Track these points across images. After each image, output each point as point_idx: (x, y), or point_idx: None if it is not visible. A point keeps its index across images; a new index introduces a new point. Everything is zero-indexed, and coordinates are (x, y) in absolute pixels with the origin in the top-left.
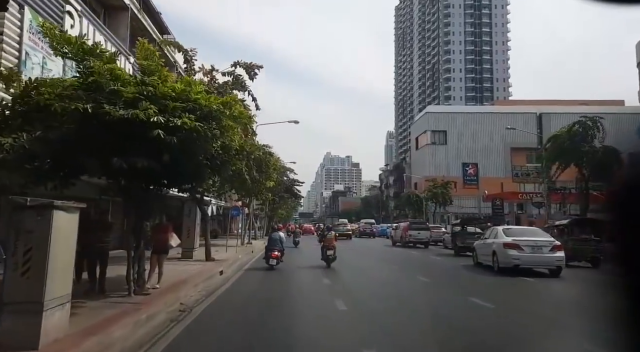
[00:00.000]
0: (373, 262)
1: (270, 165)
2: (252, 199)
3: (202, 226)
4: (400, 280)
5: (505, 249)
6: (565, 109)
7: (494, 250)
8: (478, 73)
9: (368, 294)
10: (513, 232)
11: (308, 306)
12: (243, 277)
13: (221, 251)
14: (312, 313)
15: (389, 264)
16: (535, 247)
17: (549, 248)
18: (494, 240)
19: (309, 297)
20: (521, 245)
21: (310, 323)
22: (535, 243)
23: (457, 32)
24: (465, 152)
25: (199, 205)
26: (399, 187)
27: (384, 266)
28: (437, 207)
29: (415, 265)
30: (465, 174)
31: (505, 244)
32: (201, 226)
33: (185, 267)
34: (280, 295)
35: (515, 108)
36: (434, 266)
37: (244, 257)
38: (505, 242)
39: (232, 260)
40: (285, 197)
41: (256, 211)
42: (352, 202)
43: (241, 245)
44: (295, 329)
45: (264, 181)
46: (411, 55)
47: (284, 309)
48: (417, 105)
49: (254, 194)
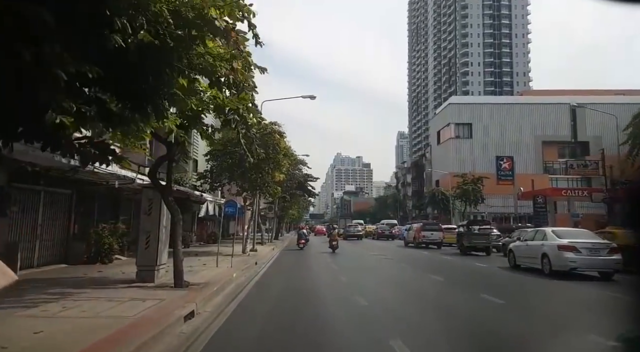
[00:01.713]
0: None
1: (280, 150)
2: (257, 194)
3: (176, 230)
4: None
5: (560, 252)
6: (601, 99)
7: (544, 252)
8: (497, 67)
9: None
10: (565, 234)
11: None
12: (234, 328)
13: (211, 265)
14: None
15: (402, 263)
16: (592, 250)
17: (606, 250)
18: (543, 242)
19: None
20: (578, 247)
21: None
22: (593, 245)
23: (474, 25)
24: (493, 147)
25: (164, 197)
26: (419, 185)
27: (394, 263)
28: (467, 205)
29: (432, 266)
30: (500, 168)
31: (561, 247)
32: (175, 230)
33: (112, 309)
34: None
35: (545, 99)
36: (464, 268)
37: (242, 275)
38: (560, 245)
39: (220, 283)
40: (297, 194)
41: (263, 210)
42: (365, 203)
43: (242, 253)
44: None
45: (271, 171)
46: (426, 50)
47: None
48: (432, 102)
49: (259, 187)
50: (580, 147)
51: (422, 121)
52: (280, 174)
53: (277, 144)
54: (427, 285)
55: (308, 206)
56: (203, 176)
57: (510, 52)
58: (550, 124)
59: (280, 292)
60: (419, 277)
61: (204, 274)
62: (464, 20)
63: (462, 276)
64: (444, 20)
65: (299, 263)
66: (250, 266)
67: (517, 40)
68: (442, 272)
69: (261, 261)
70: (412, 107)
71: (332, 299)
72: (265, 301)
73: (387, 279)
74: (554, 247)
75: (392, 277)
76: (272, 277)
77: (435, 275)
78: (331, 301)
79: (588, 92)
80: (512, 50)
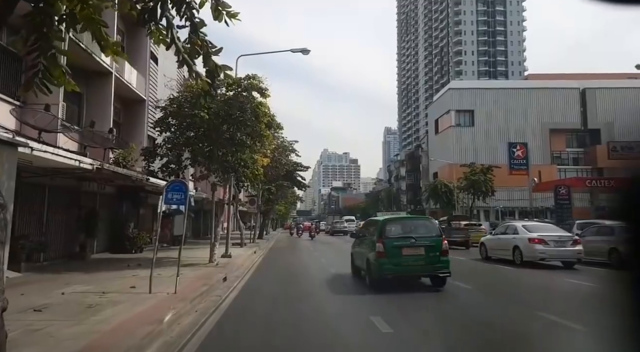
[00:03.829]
0: None
1: (263, 117)
2: (231, 178)
3: None
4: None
5: (531, 244)
6: (611, 83)
7: (516, 245)
8: (491, 56)
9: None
10: (534, 228)
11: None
12: None
13: (144, 288)
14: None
15: None
16: (558, 242)
17: (570, 242)
18: (514, 236)
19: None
20: (546, 240)
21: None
22: (559, 238)
23: (468, 12)
24: (496, 135)
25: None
26: (414, 178)
27: None
28: (475, 199)
29: None
30: (512, 156)
31: (531, 239)
32: None
33: None
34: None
35: (552, 83)
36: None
37: (188, 312)
38: (530, 238)
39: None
40: (285, 186)
41: (245, 205)
42: (355, 199)
43: (209, 262)
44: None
45: (251, 143)
46: (416, 40)
47: None
48: (423, 94)
49: (232, 168)
50: (591, 135)
51: (413, 114)
52: (264, 157)
53: (256, 108)
54: None
55: (296, 200)
56: (149, 152)
57: (505, 41)
58: (558, 110)
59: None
60: None
61: (103, 319)
62: (457, 7)
63: None
64: (436, 8)
65: (289, 269)
66: (212, 285)
67: (512, 28)
68: None
69: (234, 273)
70: (402, 99)
71: None
72: None
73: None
74: (525, 240)
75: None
76: (244, 315)
77: None
78: None
79: (598, 75)
80: (506, 39)
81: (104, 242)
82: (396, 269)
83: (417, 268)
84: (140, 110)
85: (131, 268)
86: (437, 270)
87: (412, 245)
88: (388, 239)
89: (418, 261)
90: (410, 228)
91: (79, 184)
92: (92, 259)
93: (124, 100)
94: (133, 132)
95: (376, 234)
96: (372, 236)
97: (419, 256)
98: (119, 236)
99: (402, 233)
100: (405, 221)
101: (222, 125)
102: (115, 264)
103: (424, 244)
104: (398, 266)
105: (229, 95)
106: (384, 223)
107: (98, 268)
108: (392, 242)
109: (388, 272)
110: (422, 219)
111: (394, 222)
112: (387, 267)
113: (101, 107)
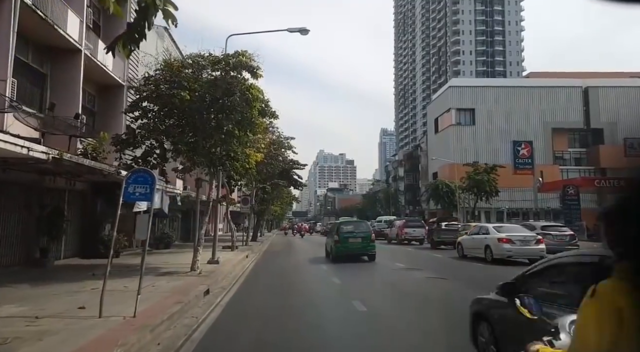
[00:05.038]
0: None
1: (254, 102)
2: (219, 171)
3: None
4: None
5: (500, 243)
6: (614, 81)
7: (487, 244)
8: (490, 56)
9: None
10: (503, 229)
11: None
12: None
13: (94, 307)
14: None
15: None
16: (524, 241)
17: (534, 241)
18: (486, 236)
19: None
20: (513, 239)
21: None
22: (524, 238)
23: (466, 11)
24: (497, 134)
25: None
26: (413, 178)
27: None
28: (479, 199)
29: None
30: (517, 155)
31: (500, 239)
32: None
33: None
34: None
35: (555, 81)
36: (420, 257)
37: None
38: (499, 237)
39: None
40: (280, 184)
41: (237, 205)
42: (351, 200)
43: (190, 271)
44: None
45: (241, 133)
46: (413, 40)
47: None
48: (420, 94)
49: (220, 161)
50: (593, 134)
51: (410, 114)
52: (257, 152)
53: (247, 90)
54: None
55: (292, 201)
56: (122, 141)
57: (503, 41)
58: (560, 110)
59: None
60: None
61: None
62: (455, 6)
63: (415, 261)
64: (434, 8)
65: (283, 276)
66: (188, 303)
67: (510, 28)
68: (399, 259)
69: (220, 283)
70: (399, 100)
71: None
72: None
73: None
74: (495, 239)
75: None
76: (225, 349)
77: (393, 260)
78: None
79: (601, 74)
80: (504, 39)
81: (73, 246)
82: (345, 250)
83: (357, 249)
84: (118, 97)
85: (96, 277)
86: (369, 250)
87: (354, 236)
88: (341, 233)
89: (357, 245)
90: (354, 227)
91: (40, 179)
92: (53, 267)
93: (99, 85)
94: (110, 122)
95: (335, 230)
96: (333, 232)
97: (358, 243)
98: (91, 238)
99: (349, 230)
100: (351, 222)
101: (208, 111)
102: (79, 272)
103: (361, 236)
104: (347, 249)
105: (215, 75)
106: (340, 224)
107: (54, 278)
108: (343, 235)
109: (341, 252)
110: (361, 222)
111: (345, 224)
112: (340, 249)
113: (68, 90)
